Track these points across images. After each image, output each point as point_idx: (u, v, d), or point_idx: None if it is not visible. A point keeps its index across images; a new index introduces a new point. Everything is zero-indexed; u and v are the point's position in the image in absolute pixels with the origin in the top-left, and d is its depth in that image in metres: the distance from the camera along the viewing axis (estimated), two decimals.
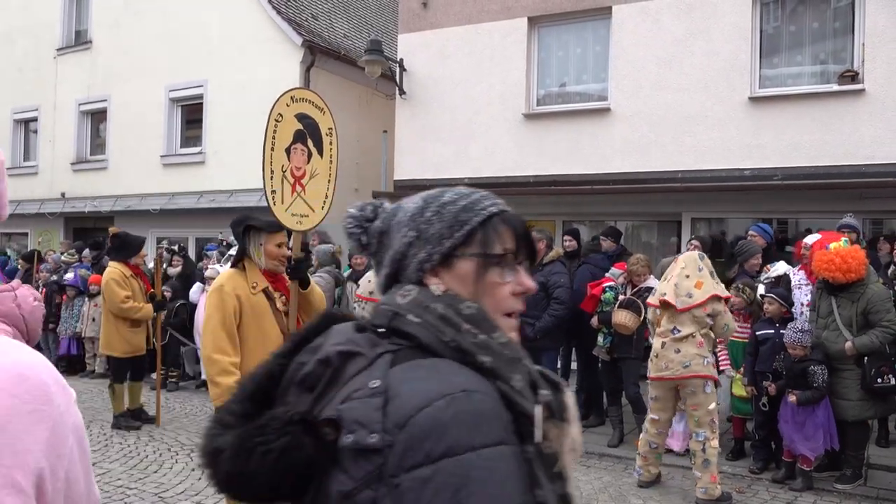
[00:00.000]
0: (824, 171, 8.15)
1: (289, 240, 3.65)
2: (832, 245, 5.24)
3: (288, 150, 3.76)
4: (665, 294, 5.13)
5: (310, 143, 3.87)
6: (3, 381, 0.74)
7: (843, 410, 5.18)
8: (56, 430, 0.77)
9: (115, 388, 6.88)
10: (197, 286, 8.65)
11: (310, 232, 4.78)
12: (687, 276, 5.09)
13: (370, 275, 5.82)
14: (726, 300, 5.17)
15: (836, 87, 8.31)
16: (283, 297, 3.51)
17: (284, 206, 3.67)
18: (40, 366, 0.79)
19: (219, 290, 3.33)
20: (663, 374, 5.05)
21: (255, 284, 3.38)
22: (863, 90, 8.10)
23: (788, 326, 5.34)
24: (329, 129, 4.03)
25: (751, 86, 8.70)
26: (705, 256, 5.29)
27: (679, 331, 5.03)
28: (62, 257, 10.37)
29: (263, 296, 3.41)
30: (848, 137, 8.15)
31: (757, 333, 5.68)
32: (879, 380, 5.05)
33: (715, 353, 5.23)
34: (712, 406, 5.00)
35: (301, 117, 3.85)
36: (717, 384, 5.16)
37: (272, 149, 3.68)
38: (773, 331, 5.55)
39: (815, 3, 8.65)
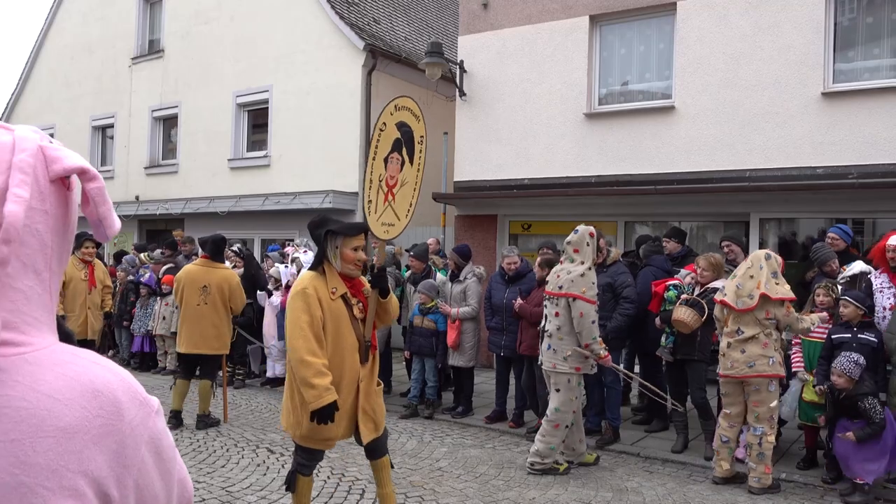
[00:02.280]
0: None
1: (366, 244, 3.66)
2: None
3: (386, 160, 3.72)
4: (726, 295, 5.22)
5: (404, 151, 3.83)
6: (77, 394, 0.80)
7: None
8: (125, 442, 0.82)
9: (178, 382, 6.94)
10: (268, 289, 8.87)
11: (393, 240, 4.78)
12: (751, 277, 5.15)
13: (559, 269, 5.63)
14: (790, 301, 5.15)
15: None
16: (360, 304, 3.48)
17: (377, 216, 3.66)
18: (116, 383, 0.84)
19: (302, 292, 3.30)
20: (729, 372, 5.21)
21: (334, 289, 3.36)
22: None
23: (843, 354, 5.16)
24: (421, 137, 3.96)
25: (824, 81, 8.36)
26: (771, 255, 5.27)
27: (743, 332, 5.18)
28: (142, 256, 10.81)
29: (342, 301, 3.39)
30: None
31: (832, 337, 5.47)
32: None
33: (787, 353, 5.24)
34: (774, 403, 5.15)
35: (400, 125, 3.80)
36: (781, 382, 5.27)
37: (373, 158, 3.62)
38: (849, 335, 5.33)
39: None
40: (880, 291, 5.59)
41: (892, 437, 4.92)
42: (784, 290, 5.13)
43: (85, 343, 7.48)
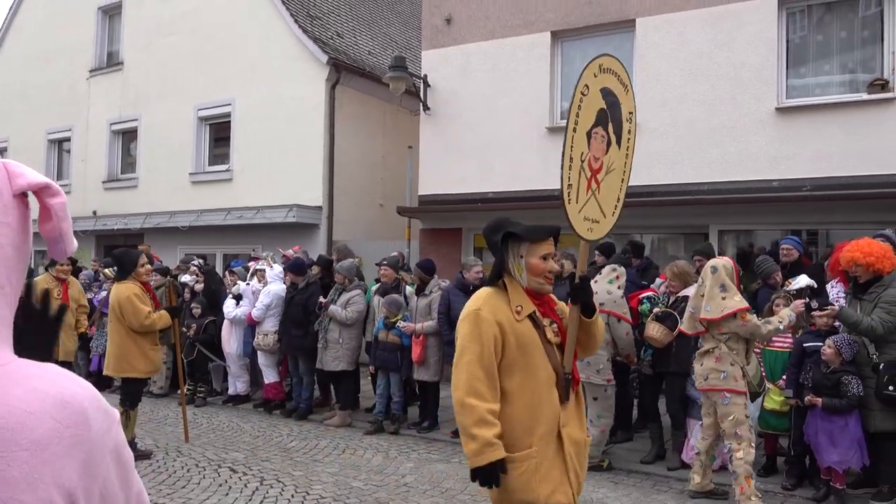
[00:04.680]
0: (855, 181, 8.01)
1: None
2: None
3: (589, 134, 2.83)
4: (693, 309, 5.21)
5: (610, 127, 2.96)
6: (48, 406, 0.82)
7: (867, 420, 5.08)
8: (92, 452, 0.84)
9: (129, 414, 6.34)
10: (230, 302, 8.72)
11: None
12: (701, 296, 5.16)
13: (594, 286, 5.28)
14: (744, 310, 4.99)
15: (865, 97, 8.19)
16: (555, 326, 2.72)
17: (578, 206, 2.80)
18: (82, 393, 0.87)
19: (474, 315, 2.57)
20: (697, 384, 5.31)
21: (518, 308, 2.61)
22: (894, 99, 7.97)
23: (840, 334, 5.28)
24: (630, 112, 3.10)
25: (778, 96, 8.61)
26: (718, 267, 5.08)
27: (701, 345, 5.24)
28: (106, 271, 10.46)
29: (530, 322, 2.62)
30: (878, 146, 8.01)
31: (804, 345, 5.53)
32: (891, 387, 4.90)
33: (742, 367, 5.10)
34: (732, 417, 5.00)
35: (605, 93, 2.91)
36: (746, 396, 5.14)
37: (574, 130, 2.74)
38: (821, 343, 5.42)
39: (843, 12, 8.55)
40: (836, 301, 5.75)
41: (857, 429, 5.06)
42: (732, 303, 4.95)
43: (58, 364, 7.22)
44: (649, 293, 6.48)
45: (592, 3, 9.79)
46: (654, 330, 5.89)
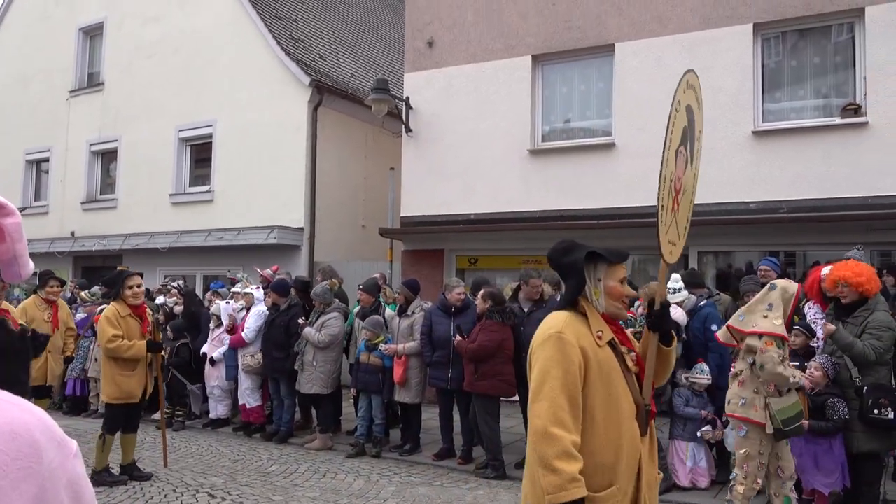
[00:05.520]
0: (831, 203, 8.15)
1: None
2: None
3: (676, 153, 2.76)
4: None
5: (688, 146, 2.88)
6: None
7: (850, 441, 5.11)
8: (44, 486, 0.79)
9: (105, 438, 6.19)
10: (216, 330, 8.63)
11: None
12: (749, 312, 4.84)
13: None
14: (772, 336, 4.54)
15: (838, 121, 8.36)
16: (633, 354, 2.59)
17: (665, 228, 2.74)
18: (33, 423, 0.81)
19: (557, 338, 2.38)
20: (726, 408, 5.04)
21: (599, 333, 2.45)
22: (866, 123, 8.15)
23: (823, 355, 5.29)
24: (699, 131, 3.01)
25: (754, 120, 8.77)
26: (777, 286, 4.72)
27: (733, 366, 5.02)
28: (83, 294, 10.28)
29: (610, 350, 2.46)
30: (852, 169, 8.18)
31: None
32: (876, 411, 4.93)
33: (767, 398, 4.68)
34: (744, 452, 4.73)
35: (688, 111, 2.84)
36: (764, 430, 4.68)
37: (668, 147, 2.67)
38: (797, 363, 5.46)
39: (816, 38, 8.76)
40: (813, 323, 5.80)
41: (842, 451, 5.09)
42: (765, 323, 4.58)
43: (43, 388, 6.95)
44: (628, 315, 6.51)
45: (572, 28, 9.94)
46: None
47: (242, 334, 8.16)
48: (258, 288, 8.64)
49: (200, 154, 14.32)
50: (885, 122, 8.06)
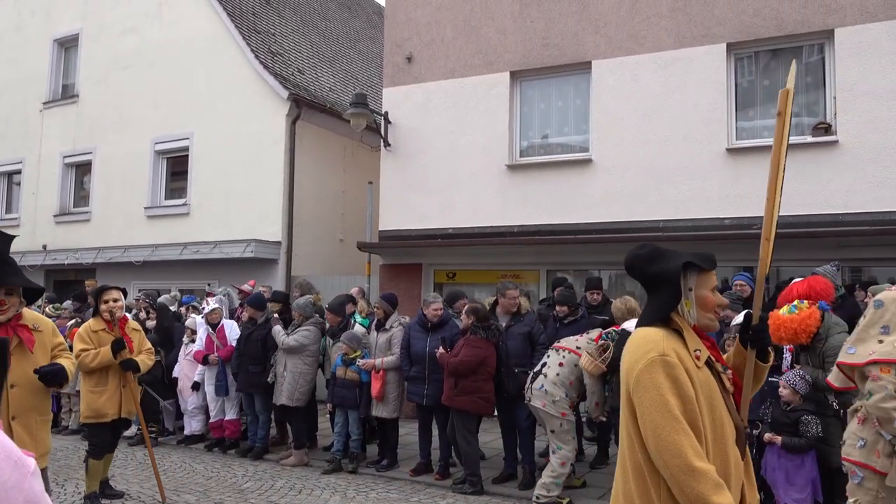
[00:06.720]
0: (802, 220, 8.30)
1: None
2: (782, 310, 5.15)
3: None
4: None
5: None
6: None
7: (828, 457, 5.16)
8: None
9: (88, 462, 5.96)
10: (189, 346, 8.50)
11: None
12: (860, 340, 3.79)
13: None
14: (886, 363, 3.45)
15: (809, 139, 8.53)
16: (729, 373, 2.38)
17: (770, 243, 2.70)
18: None
19: (662, 362, 2.13)
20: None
21: (697, 352, 2.23)
22: (836, 141, 8.32)
23: (791, 371, 5.32)
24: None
25: (728, 137, 8.91)
26: (884, 302, 3.64)
27: (854, 401, 4.06)
28: (47, 310, 10.07)
29: (708, 370, 2.25)
30: (824, 187, 8.34)
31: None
32: None
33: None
34: (853, 500, 3.70)
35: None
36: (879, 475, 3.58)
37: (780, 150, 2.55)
38: (776, 378, 5.48)
39: (787, 58, 8.94)
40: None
41: (813, 468, 5.11)
42: (882, 349, 3.50)
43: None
44: (612, 329, 6.55)
45: (550, 46, 10.06)
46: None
47: (231, 343, 8.11)
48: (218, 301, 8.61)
49: (177, 167, 14.20)
50: (854, 140, 8.25)
